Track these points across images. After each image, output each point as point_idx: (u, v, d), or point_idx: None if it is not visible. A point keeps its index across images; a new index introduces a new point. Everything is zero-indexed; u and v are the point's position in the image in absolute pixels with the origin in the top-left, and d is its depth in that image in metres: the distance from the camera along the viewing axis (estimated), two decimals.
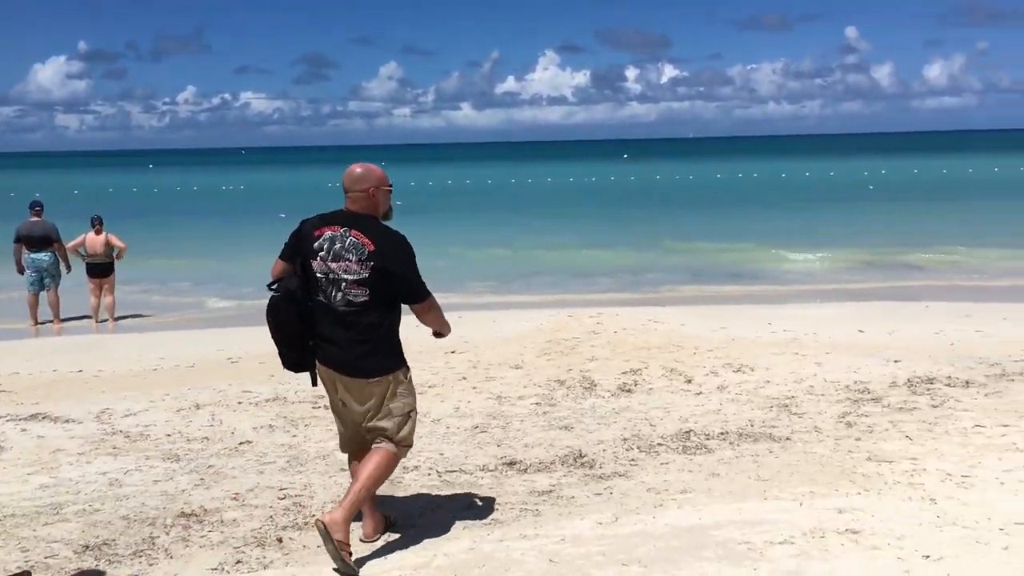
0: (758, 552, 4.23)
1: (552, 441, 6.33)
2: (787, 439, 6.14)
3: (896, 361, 8.33)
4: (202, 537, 4.84)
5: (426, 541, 4.64)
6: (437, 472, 5.77)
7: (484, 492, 5.37)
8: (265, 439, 6.57)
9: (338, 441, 4.88)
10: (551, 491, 5.33)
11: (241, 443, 6.48)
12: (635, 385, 7.85)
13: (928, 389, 7.31)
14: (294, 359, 4.58)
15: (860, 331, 10.32)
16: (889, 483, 5.18)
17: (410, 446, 4.67)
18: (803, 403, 7.06)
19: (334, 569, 4.31)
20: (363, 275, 4.36)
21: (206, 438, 6.62)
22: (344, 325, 4.41)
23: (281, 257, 4.60)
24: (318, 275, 4.42)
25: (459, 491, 5.40)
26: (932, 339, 9.72)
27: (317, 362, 4.55)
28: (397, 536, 4.75)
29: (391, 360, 4.53)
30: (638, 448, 6.08)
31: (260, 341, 10.78)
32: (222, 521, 5.04)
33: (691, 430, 6.42)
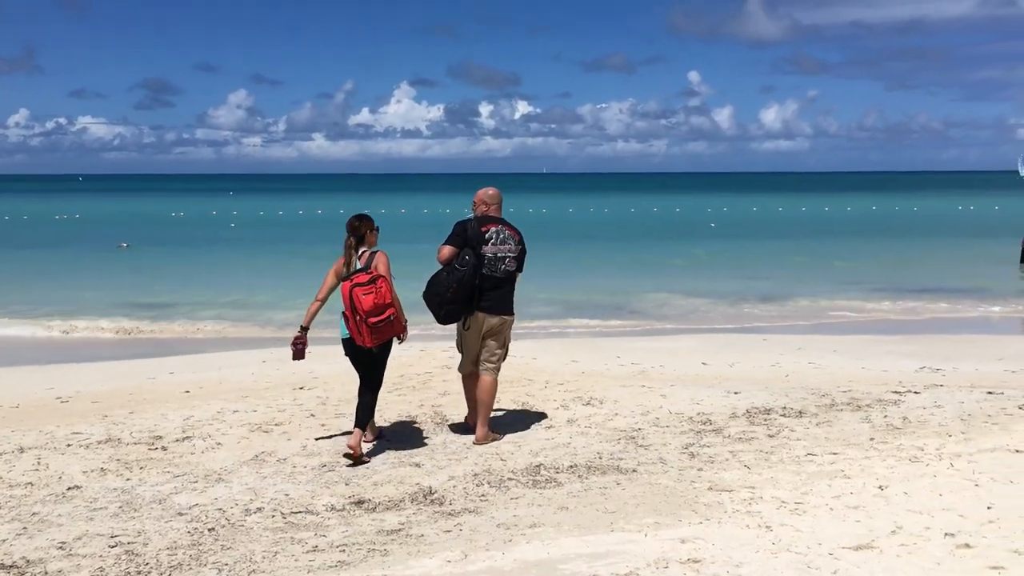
0: None
1: (402, 478, 6.24)
2: (633, 471, 6.27)
3: (736, 393, 8.67)
4: None
5: None
6: (282, 514, 5.57)
7: (331, 533, 5.22)
8: (96, 484, 6.20)
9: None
10: (400, 529, 5.25)
11: (69, 488, 6.08)
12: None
13: (765, 419, 7.63)
14: (456, 312, 6.96)
15: (703, 363, 10.70)
16: (729, 512, 5.36)
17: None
18: (649, 435, 7.24)
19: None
20: (515, 254, 7.09)
21: (30, 483, 6.18)
22: (501, 285, 7.03)
23: (449, 244, 6.95)
24: (488, 255, 6.96)
25: (305, 533, 5.23)
26: (769, 371, 10.18)
27: (476, 311, 7.00)
28: None
29: (513, 306, 7.23)
30: (488, 483, 6.07)
31: (92, 379, 10.21)
32: (46, 573, 4.71)
33: (541, 464, 6.47)
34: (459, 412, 8.06)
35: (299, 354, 6.97)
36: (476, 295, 6.94)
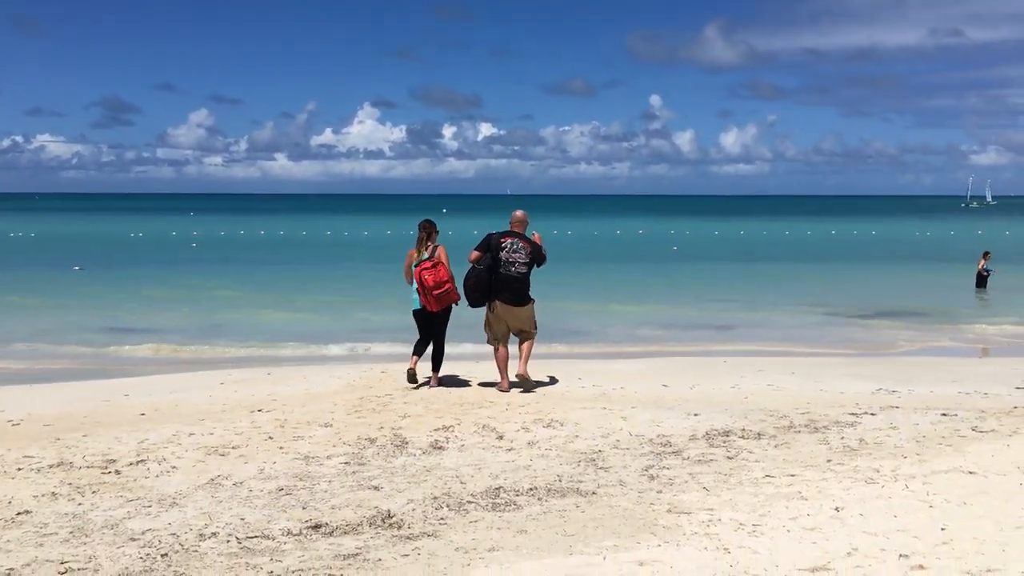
0: None
1: (360, 502, 6.18)
2: (593, 493, 6.26)
3: (696, 414, 8.71)
4: None
5: None
6: (236, 539, 5.49)
7: (287, 558, 5.15)
8: (46, 508, 6.07)
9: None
10: (357, 554, 5.19)
11: (19, 513, 5.95)
12: (447, 442, 7.82)
13: (724, 441, 7.68)
14: (480, 298, 9.86)
15: (664, 385, 10.74)
16: (687, 534, 5.37)
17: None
18: (609, 457, 7.24)
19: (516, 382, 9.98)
20: (527, 259, 9.92)
21: None
22: (516, 282, 9.89)
23: (477, 249, 9.86)
24: (503, 258, 9.82)
25: (260, 559, 5.15)
26: (729, 392, 10.24)
27: (498, 301, 9.86)
28: None
29: (530, 296, 10.07)
30: (447, 506, 6.03)
31: (45, 401, 9.99)
32: None
33: (501, 487, 6.44)
34: (420, 435, 8.03)
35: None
36: (494, 287, 9.78)
